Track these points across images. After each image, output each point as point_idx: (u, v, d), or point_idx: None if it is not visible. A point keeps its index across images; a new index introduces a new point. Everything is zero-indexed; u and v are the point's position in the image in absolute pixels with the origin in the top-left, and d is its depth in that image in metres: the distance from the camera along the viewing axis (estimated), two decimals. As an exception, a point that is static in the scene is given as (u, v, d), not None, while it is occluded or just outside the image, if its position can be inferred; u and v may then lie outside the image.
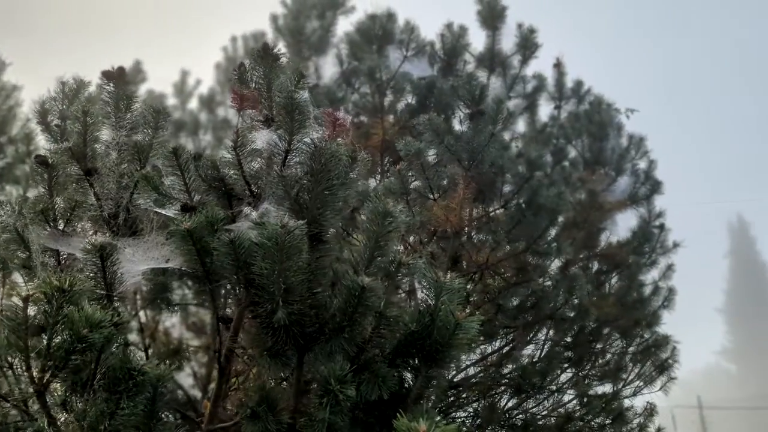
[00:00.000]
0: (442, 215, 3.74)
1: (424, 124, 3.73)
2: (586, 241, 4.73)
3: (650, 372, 5.56)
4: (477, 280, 4.20)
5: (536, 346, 4.66)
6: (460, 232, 3.93)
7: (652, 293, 4.89)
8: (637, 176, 4.90)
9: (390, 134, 4.52)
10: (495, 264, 3.91)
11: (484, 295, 4.09)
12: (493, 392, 4.71)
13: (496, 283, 4.08)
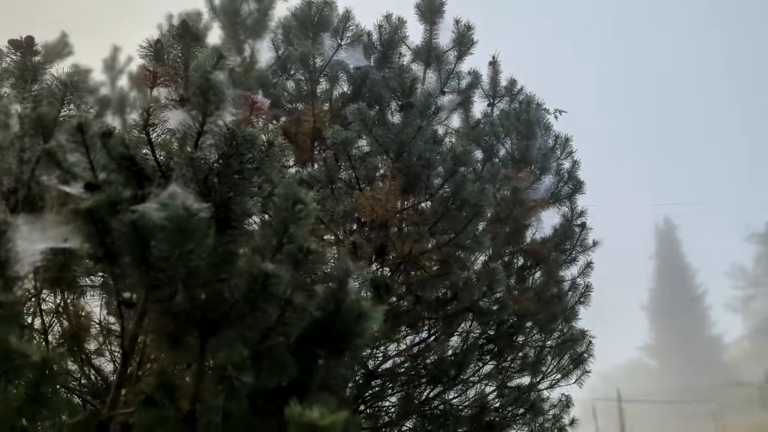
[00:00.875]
0: (368, 206, 3.74)
1: (353, 113, 3.72)
2: (510, 236, 4.84)
3: (567, 365, 5.80)
4: (401, 271, 4.24)
5: (458, 338, 4.77)
6: (387, 224, 3.94)
7: (569, 289, 5.09)
8: (561, 176, 5.05)
9: (322, 122, 4.49)
10: (418, 256, 3.95)
11: (407, 286, 4.13)
12: (414, 383, 4.79)
13: (418, 275, 4.13)
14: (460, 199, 3.75)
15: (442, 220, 3.88)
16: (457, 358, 4.46)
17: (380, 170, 4.09)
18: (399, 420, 5.01)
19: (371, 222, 3.85)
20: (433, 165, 3.72)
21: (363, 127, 3.67)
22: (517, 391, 5.11)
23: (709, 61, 76.08)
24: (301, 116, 4.66)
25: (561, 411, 5.96)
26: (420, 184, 3.91)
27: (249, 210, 2.22)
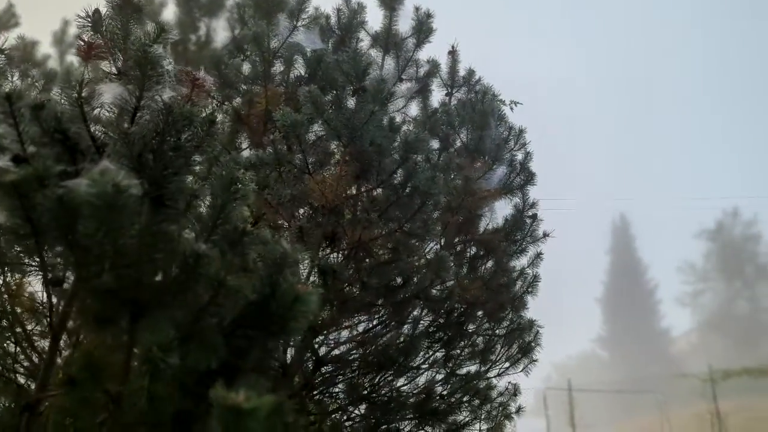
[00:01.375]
0: (318, 191, 3.71)
1: (304, 96, 3.67)
2: (462, 226, 4.87)
3: (515, 354, 5.89)
4: (352, 257, 4.23)
5: (408, 326, 4.78)
6: (337, 209, 3.91)
7: (516, 278, 5.16)
8: (514, 167, 5.10)
9: (275, 104, 4.42)
10: (369, 242, 3.94)
11: (358, 272, 4.12)
12: (363, 370, 4.80)
13: (369, 262, 4.12)
14: (411, 187, 3.74)
15: (393, 207, 3.87)
16: (405, 345, 4.47)
17: (332, 155, 4.05)
18: (347, 406, 5.01)
19: (321, 207, 3.81)
20: (385, 151, 3.70)
21: (314, 110, 3.62)
22: (466, 379, 5.16)
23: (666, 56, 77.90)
24: (254, 98, 4.58)
25: (508, 399, 6.07)
26: (372, 171, 3.89)
27: (185, 189, 2.16)
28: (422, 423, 4.54)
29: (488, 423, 5.67)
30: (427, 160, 4.78)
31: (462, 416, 5.01)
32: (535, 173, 5.15)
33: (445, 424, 4.56)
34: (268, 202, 3.74)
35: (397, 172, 3.82)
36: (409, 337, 4.66)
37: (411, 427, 4.72)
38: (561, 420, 16.64)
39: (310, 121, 3.67)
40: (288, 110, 3.60)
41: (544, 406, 16.06)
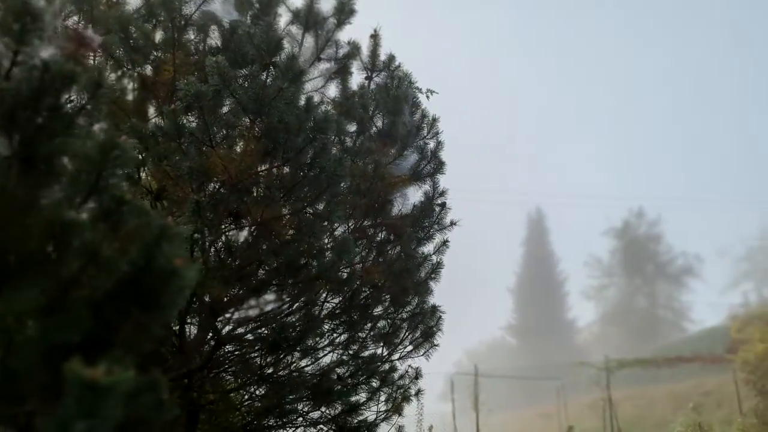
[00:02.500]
0: (220, 165, 3.61)
1: (210, 66, 3.55)
2: (371, 210, 4.89)
3: (418, 338, 6.02)
4: (254, 235, 4.16)
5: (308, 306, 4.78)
6: (241, 186, 3.83)
7: (421, 264, 5.25)
8: (425, 155, 5.17)
9: (183, 73, 4.25)
10: (272, 221, 3.89)
11: (256, 250, 4.05)
12: (261, 349, 4.76)
13: (272, 241, 4.07)
14: (317, 167, 3.71)
15: (299, 187, 3.83)
16: (304, 326, 4.47)
17: (239, 130, 3.95)
18: (245, 386, 4.97)
19: (224, 183, 3.72)
20: (293, 129, 3.64)
21: (221, 82, 3.51)
22: (369, 361, 5.22)
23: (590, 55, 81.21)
24: (161, 65, 4.39)
25: (409, 382, 6.20)
26: (279, 148, 3.82)
27: (61, 152, 2.04)
28: (317, 403, 4.56)
29: (387, 405, 5.78)
30: (340, 142, 4.78)
31: (360, 397, 5.06)
32: (445, 162, 5.25)
33: (341, 404, 4.60)
34: (168, 174, 3.61)
35: (306, 152, 3.77)
36: (305, 319, 4.65)
37: (308, 408, 4.74)
38: (467, 404, 17.17)
39: (216, 93, 3.55)
40: (193, 80, 3.47)
41: (451, 390, 16.52)
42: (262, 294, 4.88)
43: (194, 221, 3.33)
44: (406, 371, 5.78)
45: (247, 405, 5.47)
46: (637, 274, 46.91)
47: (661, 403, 22.91)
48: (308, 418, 4.86)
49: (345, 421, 4.69)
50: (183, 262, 1.91)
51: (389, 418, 5.33)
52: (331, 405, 4.65)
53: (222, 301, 4.76)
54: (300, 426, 5.03)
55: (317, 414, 4.87)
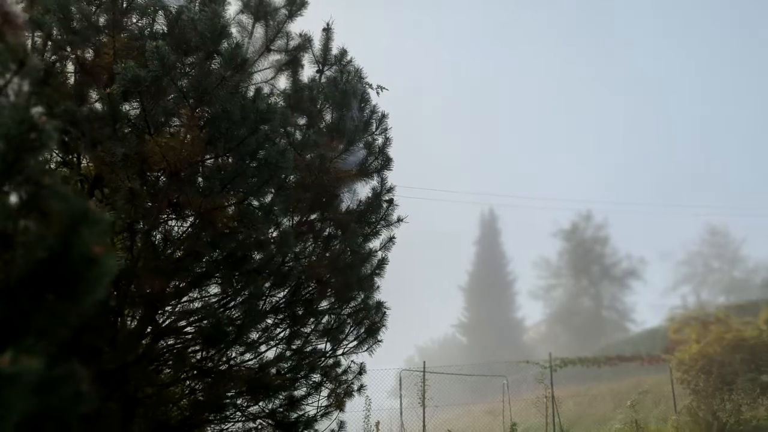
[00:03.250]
0: (158, 153, 3.51)
1: (150, 51, 3.45)
2: (317, 204, 4.86)
3: (362, 334, 6.02)
4: (194, 226, 4.07)
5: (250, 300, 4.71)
6: (180, 174, 3.74)
7: (364, 260, 5.25)
8: (372, 150, 5.16)
9: (124, 57, 4.12)
10: (211, 212, 3.81)
11: (196, 241, 3.97)
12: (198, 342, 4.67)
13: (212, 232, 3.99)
14: (259, 158, 3.66)
15: (240, 178, 3.76)
16: (244, 319, 4.40)
17: (179, 118, 3.85)
18: (184, 379, 4.87)
19: (162, 170, 3.63)
20: (235, 119, 3.57)
21: (161, 67, 3.41)
22: (310, 356, 5.20)
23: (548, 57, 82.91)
24: (101, 48, 4.25)
25: (353, 378, 6.20)
26: (220, 138, 3.75)
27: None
28: (256, 397, 4.51)
29: (330, 400, 5.76)
30: (286, 134, 4.72)
31: (300, 392, 5.03)
32: (392, 158, 5.26)
33: (280, 399, 4.56)
34: (103, 160, 3.49)
35: (248, 142, 3.71)
36: (250, 312, 4.59)
37: (247, 402, 4.68)
38: (416, 400, 17.29)
39: (156, 79, 3.45)
40: (131, 64, 3.37)
41: (399, 386, 16.63)
42: (202, 286, 4.79)
43: (128, 209, 3.24)
44: (348, 366, 5.77)
45: (186, 399, 5.36)
46: (583, 276, 48.18)
47: (603, 401, 23.61)
48: (247, 412, 4.79)
49: (284, 415, 4.65)
50: (103, 249, 1.85)
51: (330, 414, 5.31)
52: (269, 399, 4.60)
53: (161, 292, 4.65)
54: (239, 421, 4.96)
55: (256, 408, 4.82)
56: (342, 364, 6.04)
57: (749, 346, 14.21)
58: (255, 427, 5.06)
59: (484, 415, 21.91)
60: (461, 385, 25.21)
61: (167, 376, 5.31)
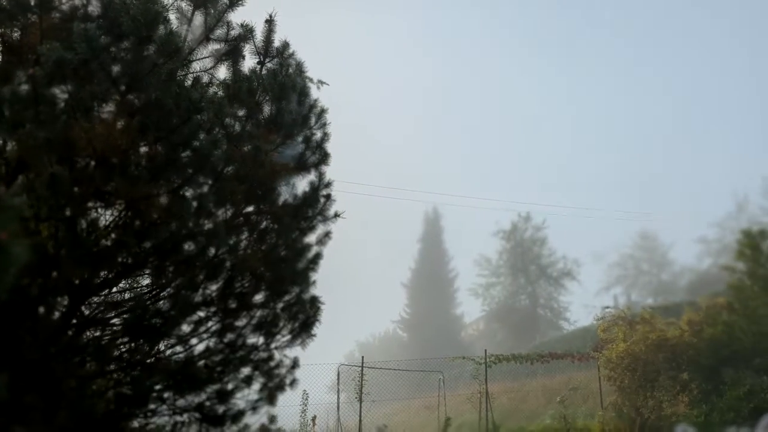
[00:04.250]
0: (84, 138, 3.41)
1: (78, 33, 3.34)
2: (252, 196, 4.81)
3: (296, 328, 6.01)
4: (123, 215, 3.98)
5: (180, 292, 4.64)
6: (108, 162, 3.64)
7: (298, 254, 5.24)
8: (310, 145, 5.15)
9: (52, 38, 3.97)
10: (140, 201, 3.73)
11: (124, 231, 3.88)
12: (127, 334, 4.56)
13: (141, 221, 3.90)
14: (191, 148, 3.60)
15: (170, 167, 3.70)
16: (174, 312, 4.33)
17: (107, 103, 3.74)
18: (105, 372, 4.74)
19: (89, 157, 3.52)
20: (167, 107, 3.51)
21: (89, 50, 3.31)
22: (240, 349, 5.15)
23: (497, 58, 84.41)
24: (29, 28, 4.09)
25: (286, 372, 6.18)
26: (152, 126, 3.67)
27: None
28: (183, 390, 4.45)
29: (261, 394, 5.73)
30: (221, 126, 4.66)
31: (228, 385, 4.98)
32: (330, 154, 5.27)
33: (207, 392, 4.51)
34: (26, 144, 3.37)
35: (180, 131, 3.65)
36: (180, 304, 4.52)
37: (174, 395, 4.60)
38: (354, 395, 17.39)
39: (83, 62, 3.35)
40: (57, 45, 3.25)
41: (337, 380, 16.71)
42: (131, 277, 4.68)
43: (50, 196, 3.13)
44: (281, 361, 5.75)
45: (111, 392, 5.23)
46: (521, 275, 49.37)
47: (535, 397, 24.34)
48: (174, 405, 4.71)
49: (211, 409, 4.60)
50: (9, 236, 1.80)
51: (259, 408, 5.28)
52: (197, 393, 4.54)
53: (87, 282, 4.52)
54: (165, 414, 4.88)
55: (184, 402, 4.74)
56: (275, 358, 6.01)
57: (671, 345, 14.91)
58: (182, 421, 4.98)
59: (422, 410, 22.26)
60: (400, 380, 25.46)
61: (92, 369, 5.16)
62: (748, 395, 12.02)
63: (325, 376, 18.53)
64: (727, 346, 13.55)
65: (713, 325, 14.45)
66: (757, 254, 15.04)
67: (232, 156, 4.25)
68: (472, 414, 18.06)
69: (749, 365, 12.85)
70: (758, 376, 12.45)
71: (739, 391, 12.09)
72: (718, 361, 13.47)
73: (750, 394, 12.06)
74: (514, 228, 49.52)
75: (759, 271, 14.96)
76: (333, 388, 18.45)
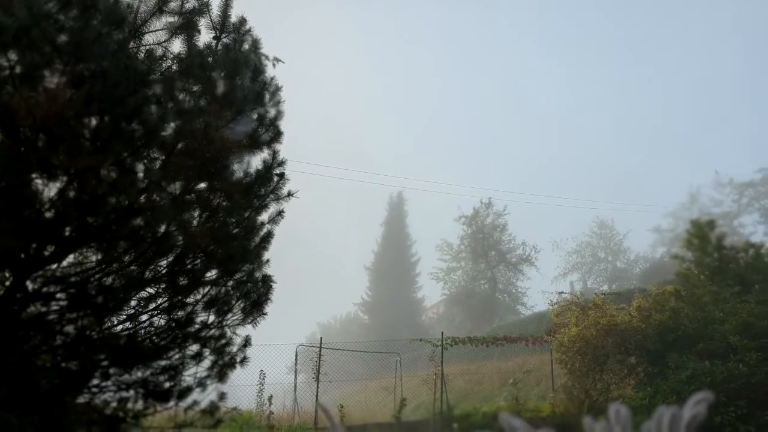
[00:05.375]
0: (24, 108, 3.33)
1: None
2: (202, 172, 4.76)
3: (247, 307, 6.01)
4: (66, 186, 3.90)
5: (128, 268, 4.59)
6: (50, 132, 3.56)
7: (248, 232, 5.22)
8: (263, 122, 5.11)
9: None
10: (83, 173, 3.66)
11: (67, 203, 3.81)
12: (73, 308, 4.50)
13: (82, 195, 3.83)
14: (137, 120, 3.55)
15: (117, 140, 3.64)
16: (121, 287, 4.29)
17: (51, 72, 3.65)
18: (49, 347, 4.68)
19: (30, 127, 3.44)
20: (111, 77, 3.44)
21: (29, 17, 3.22)
22: (186, 324, 5.13)
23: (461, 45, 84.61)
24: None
25: (237, 350, 6.18)
26: (97, 97, 3.60)
27: None
28: (126, 365, 4.42)
29: (212, 371, 5.73)
30: (172, 100, 4.59)
31: (174, 361, 4.96)
32: (283, 132, 5.24)
33: (151, 367, 4.49)
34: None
35: (126, 103, 3.59)
36: (127, 280, 4.47)
37: (119, 370, 4.57)
38: (311, 375, 17.49)
39: (23, 28, 3.25)
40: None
41: (295, 360, 16.79)
42: (77, 251, 4.61)
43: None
44: (231, 338, 5.75)
45: (55, 368, 5.16)
46: (481, 260, 50.05)
47: (490, 379, 24.88)
48: (119, 381, 4.68)
49: (156, 384, 4.59)
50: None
51: (208, 385, 5.29)
52: (141, 368, 4.51)
53: (32, 256, 4.43)
54: (110, 390, 4.84)
55: (130, 378, 4.72)
56: (226, 335, 6.01)
57: (621, 330, 15.38)
58: (129, 397, 4.95)
59: (380, 391, 22.50)
60: (358, 362, 25.69)
61: (36, 343, 5.07)
62: (691, 379, 12.50)
63: (285, 357, 18.56)
64: (672, 332, 14.05)
65: (661, 311, 14.96)
66: (705, 244, 15.59)
67: (182, 131, 4.20)
68: (428, 395, 18.35)
69: (693, 350, 13.36)
70: (701, 361, 12.96)
71: (682, 375, 12.57)
72: (664, 346, 13.96)
73: (692, 377, 12.54)
74: (476, 214, 50.07)
75: (705, 260, 15.52)
76: (292, 369, 18.50)
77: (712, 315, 13.84)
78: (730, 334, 13.03)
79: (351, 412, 17.59)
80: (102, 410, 4.62)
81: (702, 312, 14.09)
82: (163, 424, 5.57)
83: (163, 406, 4.83)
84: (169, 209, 3.91)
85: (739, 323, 13.01)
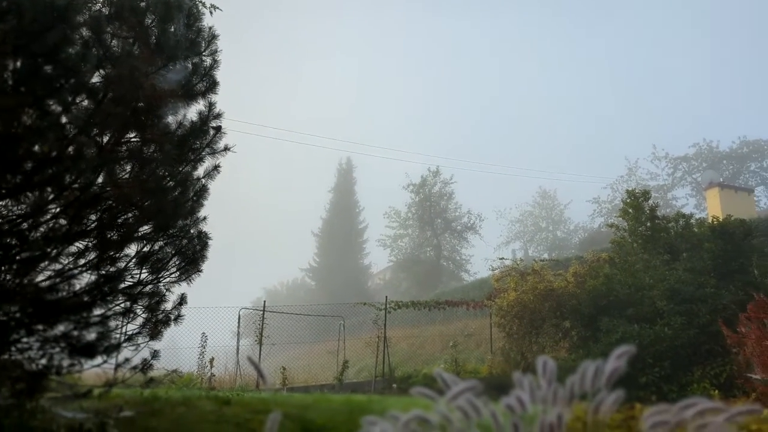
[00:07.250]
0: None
1: None
2: (132, 121, 4.54)
3: (181, 264, 5.85)
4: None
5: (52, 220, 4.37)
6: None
7: (179, 185, 5.04)
8: (198, 71, 4.91)
9: None
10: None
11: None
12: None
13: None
14: (54, 60, 3.33)
15: (33, 79, 3.41)
16: (43, 239, 4.08)
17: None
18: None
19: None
20: (26, 12, 3.20)
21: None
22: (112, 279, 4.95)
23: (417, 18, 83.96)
24: None
25: (173, 308, 6.04)
26: (11, 33, 3.35)
27: None
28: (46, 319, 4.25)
29: (143, 328, 5.58)
30: (99, 43, 4.33)
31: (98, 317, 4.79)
32: (218, 82, 5.04)
33: (73, 321, 4.33)
34: None
35: (42, 41, 3.35)
36: (51, 233, 4.27)
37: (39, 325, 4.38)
38: (254, 339, 17.46)
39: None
40: None
41: (237, 323, 16.68)
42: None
43: None
44: (164, 295, 5.59)
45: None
46: (428, 227, 50.60)
47: (433, 342, 25.44)
48: (42, 336, 4.50)
49: (78, 339, 4.43)
50: None
51: (136, 340, 5.15)
52: (61, 321, 4.34)
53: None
54: (33, 347, 4.65)
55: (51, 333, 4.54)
56: (160, 293, 5.85)
57: (557, 295, 15.92)
58: (53, 353, 4.77)
59: (323, 354, 22.64)
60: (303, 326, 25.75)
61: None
62: (620, 341, 13.09)
63: (229, 321, 18.39)
64: (605, 297, 14.62)
65: (595, 277, 15.53)
66: (639, 213, 16.18)
67: (109, 76, 3.98)
68: (371, 358, 18.59)
69: (623, 314, 13.95)
70: (630, 324, 13.56)
71: (612, 338, 13.14)
72: (597, 310, 14.53)
73: (621, 340, 13.13)
74: (424, 182, 50.37)
75: (639, 229, 16.13)
76: (236, 333, 18.38)
77: (642, 281, 14.45)
78: (658, 300, 13.66)
79: (295, 374, 17.67)
80: (24, 367, 4.44)
81: (633, 278, 14.69)
82: (96, 384, 5.42)
83: (90, 363, 4.68)
84: (94, 158, 3.71)
85: (666, 289, 13.64)
